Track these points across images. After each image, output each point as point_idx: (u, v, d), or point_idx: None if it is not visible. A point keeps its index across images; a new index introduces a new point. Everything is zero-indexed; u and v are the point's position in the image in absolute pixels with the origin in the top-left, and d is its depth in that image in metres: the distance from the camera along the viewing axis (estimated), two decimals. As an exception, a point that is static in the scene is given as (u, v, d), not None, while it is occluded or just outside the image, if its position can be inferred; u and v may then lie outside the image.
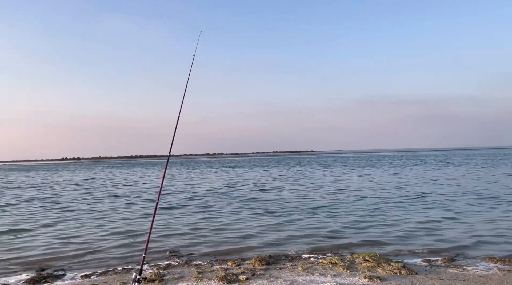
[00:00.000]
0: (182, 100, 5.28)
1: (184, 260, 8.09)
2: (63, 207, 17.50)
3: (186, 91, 5.36)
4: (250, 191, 22.61)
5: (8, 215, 15.48)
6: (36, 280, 6.95)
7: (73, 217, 14.64)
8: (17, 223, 13.60)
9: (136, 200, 19.88)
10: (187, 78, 5.45)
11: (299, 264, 7.40)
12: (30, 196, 23.31)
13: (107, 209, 16.65)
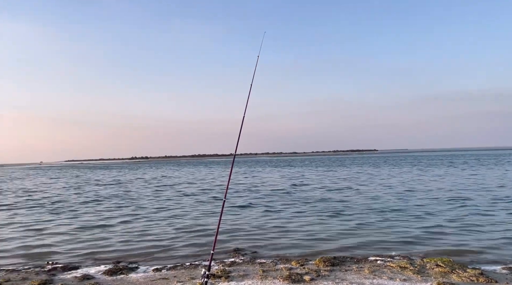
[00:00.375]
0: (247, 101, 5.37)
1: (249, 258, 8.22)
2: (136, 204, 18.62)
3: (250, 92, 5.45)
4: (313, 191, 22.36)
5: (90, 212, 16.81)
6: (113, 271, 7.47)
7: (145, 214, 15.51)
8: (97, 218, 14.72)
9: (203, 198, 20.57)
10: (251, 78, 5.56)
11: (365, 267, 7.18)
12: (107, 193, 25.13)
13: (176, 206, 17.42)
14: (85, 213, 16.17)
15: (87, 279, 7.03)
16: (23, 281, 7.04)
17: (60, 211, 16.98)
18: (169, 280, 6.70)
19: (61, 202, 20.41)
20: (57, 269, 7.88)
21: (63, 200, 21.72)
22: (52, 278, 7.15)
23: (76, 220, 14.25)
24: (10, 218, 15.29)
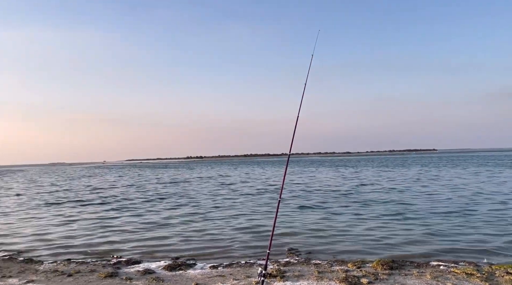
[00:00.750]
0: (301, 100, 5.35)
1: (303, 259, 8.17)
2: (194, 203, 19.23)
3: (305, 91, 5.41)
4: (371, 192, 21.72)
5: (151, 209, 17.63)
6: (172, 267, 7.77)
7: (202, 212, 15.96)
8: (157, 216, 15.40)
9: (258, 197, 20.77)
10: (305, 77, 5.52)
11: (427, 272, 6.85)
12: (166, 192, 26.21)
13: (232, 205, 17.76)
14: (146, 211, 16.96)
15: (149, 273, 7.38)
16: (91, 273, 7.54)
17: (124, 208, 17.96)
18: (225, 278, 6.84)
19: (125, 200, 21.58)
20: (121, 262, 8.36)
21: (127, 198, 22.96)
22: (117, 271, 7.59)
23: (138, 218, 14.99)
24: (78, 214, 16.44)
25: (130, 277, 7.04)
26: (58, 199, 23.28)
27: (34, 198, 24.89)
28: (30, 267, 8.24)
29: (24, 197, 25.92)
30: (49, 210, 18.26)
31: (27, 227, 13.65)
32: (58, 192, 29.26)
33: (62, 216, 16.06)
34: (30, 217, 16.13)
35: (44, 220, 15.13)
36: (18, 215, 16.69)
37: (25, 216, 16.46)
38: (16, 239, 11.48)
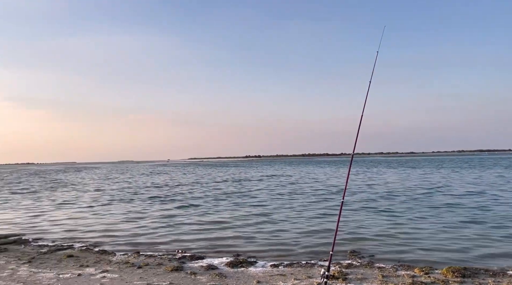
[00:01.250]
0: (365, 98, 5.20)
1: (366, 261, 7.94)
2: (257, 202, 19.51)
3: (369, 89, 5.26)
4: (439, 195, 20.57)
5: (214, 207, 18.17)
6: (234, 263, 7.94)
7: (263, 211, 16.13)
8: (220, 214, 15.84)
9: (319, 197, 20.55)
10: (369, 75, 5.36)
11: (503, 281, 6.34)
12: (228, 190, 26.85)
13: (292, 205, 17.75)
14: (210, 208, 17.50)
15: (212, 269, 7.60)
16: (158, 266, 7.94)
17: (189, 205, 18.68)
18: (286, 277, 6.86)
19: (191, 198, 22.44)
20: (186, 257, 8.71)
21: (192, 196, 23.86)
22: (182, 265, 7.92)
23: (203, 215, 15.52)
24: (147, 210, 17.39)
25: (194, 272, 7.31)
26: (128, 195, 24.80)
27: (108, 193, 26.74)
28: (104, 257, 8.87)
29: (98, 192, 27.95)
30: (120, 205, 19.51)
31: (101, 220, 14.70)
32: (129, 188, 31.14)
33: (133, 211, 17.08)
34: (103, 211, 17.35)
35: (116, 214, 16.20)
36: (93, 210, 18.03)
37: (100, 210, 17.74)
38: (91, 232, 12.41)
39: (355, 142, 5.08)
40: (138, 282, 6.60)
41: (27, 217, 16.01)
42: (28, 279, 6.91)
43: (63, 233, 12.38)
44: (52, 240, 11.30)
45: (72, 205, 19.96)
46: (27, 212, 17.63)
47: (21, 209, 19.10)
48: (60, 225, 13.80)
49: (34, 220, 15.13)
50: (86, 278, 6.99)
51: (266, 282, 6.55)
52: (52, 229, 13.06)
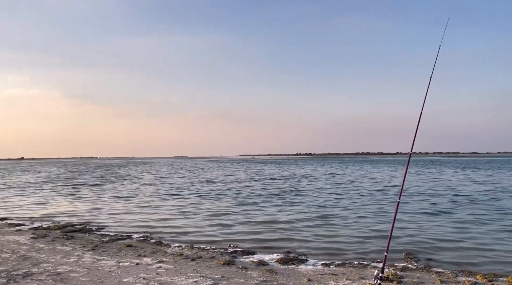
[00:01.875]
0: (425, 95, 4.96)
1: (423, 265, 7.59)
2: (309, 200, 19.40)
3: (429, 85, 5.01)
4: (503, 198, 19.16)
5: (270, 204, 18.30)
6: (284, 260, 7.95)
7: (317, 209, 15.99)
8: (272, 211, 15.92)
9: (374, 197, 19.99)
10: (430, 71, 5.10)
11: None
12: (284, 188, 26.94)
13: (347, 204, 17.43)
14: (263, 205, 17.66)
15: (262, 264, 7.67)
16: (211, 259, 8.15)
17: (243, 201, 18.97)
18: (338, 276, 6.75)
19: (245, 195, 22.77)
20: (237, 252, 8.86)
21: (246, 192, 24.20)
22: (234, 260, 8.06)
23: (256, 211, 15.70)
24: (200, 205, 17.90)
25: (245, 267, 7.41)
26: (184, 190, 25.68)
27: (165, 188, 27.88)
28: (160, 249, 9.26)
29: (156, 186, 29.23)
30: (176, 199, 20.25)
31: (158, 214, 15.37)
32: (185, 183, 32.25)
33: (188, 206, 17.67)
34: (161, 205, 18.13)
35: (173, 208, 16.85)
36: (151, 203, 18.89)
37: (157, 204, 18.55)
38: (149, 224, 13.01)
39: (413, 140, 4.87)
40: (191, 274, 6.82)
41: (91, 208, 17.13)
42: (91, 266, 7.40)
43: (123, 224, 13.10)
44: (112, 230, 12.00)
45: (131, 198, 21.05)
46: (91, 203, 18.87)
47: (85, 200, 20.48)
48: (119, 217, 14.62)
49: (97, 211, 16.15)
50: (143, 267, 7.34)
51: (317, 280, 6.49)
52: (112, 220, 13.86)
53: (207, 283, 6.24)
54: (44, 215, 15.08)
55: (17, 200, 20.99)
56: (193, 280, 6.42)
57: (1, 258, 7.88)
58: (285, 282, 6.41)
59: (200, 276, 6.65)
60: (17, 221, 13.60)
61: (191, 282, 6.28)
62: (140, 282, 6.27)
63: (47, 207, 17.66)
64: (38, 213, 15.66)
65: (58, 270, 6.97)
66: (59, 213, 15.59)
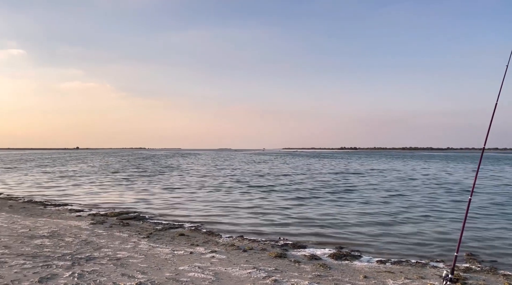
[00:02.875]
0: (501, 85, 4.58)
1: (488, 267, 7.13)
2: (365, 194, 18.97)
3: (505, 75, 4.61)
4: None
5: (316, 200, 18.12)
6: (337, 255, 7.78)
7: (375, 206, 15.60)
8: (327, 205, 15.72)
9: (431, 194, 19.14)
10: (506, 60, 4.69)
11: None
12: (333, 183, 26.57)
13: (401, 200, 16.86)
14: (314, 199, 17.49)
15: (315, 259, 7.55)
16: (262, 251, 8.15)
17: (293, 195, 18.90)
18: (395, 275, 6.49)
19: (297, 189, 22.70)
20: (288, 245, 8.80)
21: (298, 187, 24.11)
22: (285, 253, 8.01)
23: (307, 205, 15.58)
24: (250, 197, 18.03)
25: (297, 260, 7.34)
26: (232, 183, 26.01)
27: (214, 180, 28.40)
28: (211, 239, 9.40)
29: (204, 178, 29.84)
30: (225, 191, 20.55)
31: (208, 204, 15.66)
32: (233, 176, 32.68)
33: (237, 198, 17.87)
34: (210, 196, 18.47)
35: (222, 200, 17.11)
36: (200, 194, 19.31)
37: (206, 195, 18.92)
38: (199, 214, 13.29)
39: (487, 134, 4.52)
40: (244, 265, 6.85)
41: (143, 197, 17.79)
42: (148, 252, 7.64)
43: (174, 213, 13.47)
44: (164, 219, 12.37)
45: (182, 189, 21.63)
46: (143, 193, 19.60)
47: (137, 189, 21.32)
48: (171, 206, 15.05)
49: (149, 201, 16.74)
50: (197, 256, 7.47)
51: (374, 278, 6.28)
52: (163, 210, 14.29)
53: (261, 275, 6.22)
54: (100, 203, 15.86)
55: (74, 188, 22.26)
56: (246, 271, 6.44)
57: (65, 242, 8.34)
58: (340, 277, 6.27)
59: (253, 268, 6.66)
60: (77, 207, 14.40)
61: (245, 273, 6.29)
62: (195, 270, 6.38)
63: (102, 195, 18.57)
64: (94, 201, 16.50)
65: (118, 256, 7.26)
66: (114, 201, 16.33)
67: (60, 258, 6.88)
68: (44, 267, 6.22)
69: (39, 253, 7.23)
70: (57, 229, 9.76)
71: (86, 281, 5.57)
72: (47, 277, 5.70)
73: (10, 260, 6.63)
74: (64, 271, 6.07)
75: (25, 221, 10.96)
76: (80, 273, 5.93)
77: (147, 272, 6.17)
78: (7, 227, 9.89)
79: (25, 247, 7.70)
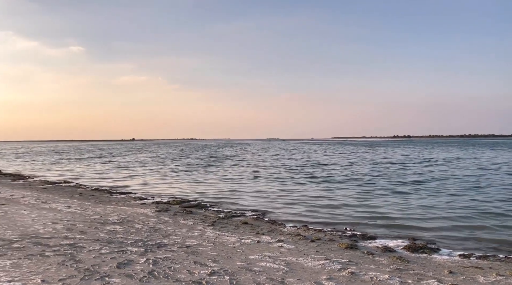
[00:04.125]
0: None
1: None
2: (429, 185, 18.05)
3: None
4: None
5: (381, 190, 17.45)
6: (413, 248, 7.29)
7: (446, 196, 14.76)
8: (389, 197, 15.09)
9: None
10: None
11: None
12: (397, 172, 25.59)
13: (481, 189, 15.84)
14: (379, 188, 16.87)
15: (389, 251, 7.13)
16: (331, 241, 7.85)
17: (360, 186, 18.36)
18: (484, 271, 5.93)
19: (361, 179, 22.09)
20: (356, 236, 8.42)
21: (363, 177, 23.49)
22: (355, 244, 7.65)
23: (370, 194, 15.03)
24: (308, 188, 17.71)
25: (371, 252, 6.96)
26: (295, 173, 25.81)
27: (271, 170, 28.37)
28: (276, 228, 9.24)
29: (260, 168, 29.91)
30: (286, 181, 20.39)
31: (263, 193, 15.57)
32: (293, 167, 32.48)
33: (295, 187, 17.64)
34: (268, 185, 18.41)
35: (284, 189, 16.97)
36: (259, 183, 19.31)
37: (264, 184, 18.88)
38: (260, 202, 13.21)
39: None
40: (316, 256, 6.60)
41: (202, 186, 18.11)
42: (215, 241, 7.62)
43: (233, 202, 13.50)
44: (225, 207, 12.42)
45: (238, 178, 21.78)
46: (202, 182, 19.97)
47: (196, 179, 21.76)
48: (230, 195, 15.12)
49: (208, 189, 16.98)
50: (265, 245, 7.33)
51: (461, 273, 5.77)
52: (223, 198, 14.39)
53: (335, 266, 5.94)
54: (161, 191, 16.33)
55: (135, 177, 23.16)
56: (319, 262, 6.18)
57: (135, 229, 8.56)
58: (422, 272, 5.83)
59: (325, 259, 6.39)
60: (140, 195, 14.88)
61: (318, 265, 6.04)
62: (265, 260, 6.23)
63: (163, 185, 19.13)
64: (155, 189, 17.03)
65: (187, 243, 7.29)
66: (174, 190, 16.74)
67: (133, 244, 7.03)
68: (119, 253, 6.37)
69: (112, 239, 7.45)
70: (126, 216, 10.08)
71: (161, 268, 5.60)
72: (124, 263, 5.80)
73: (87, 245, 6.88)
74: (139, 257, 6.18)
75: (96, 208, 11.46)
76: (154, 260, 5.99)
77: (218, 261, 6.12)
78: (80, 213, 10.38)
79: (99, 233, 7.99)
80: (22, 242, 6.91)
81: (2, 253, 6.14)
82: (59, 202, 12.40)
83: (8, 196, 13.66)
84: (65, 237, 7.49)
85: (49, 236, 7.51)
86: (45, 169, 30.32)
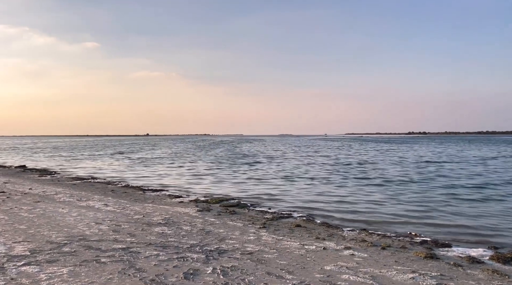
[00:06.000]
0: None
1: None
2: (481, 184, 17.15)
3: None
4: None
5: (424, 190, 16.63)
6: (502, 259, 6.46)
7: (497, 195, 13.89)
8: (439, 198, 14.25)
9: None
10: None
11: None
12: (432, 171, 24.62)
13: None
14: (422, 188, 16.06)
15: (477, 262, 6.33)
16: (403, 249, 7.09)
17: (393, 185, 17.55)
18: None
19: (394, 178, 21.26)
20: (427, 242, 7.66)
21: (393, 176, 22.65)
22: (432, 252, 6.86)
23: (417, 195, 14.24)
24: (350, 185, 16.95)
25: (458, 264, 6.16)
26: (330, 171, 25.04)
27: (300, 168, 27.64)
28: (334, 232, 8.52)
29: (283, 164, 29.20)
30: (317, 179, 19.65)
31: (301, 192, 14.87)
32: (326, 165, 31.69)
33: (332, 187, 16.91)
34: (300, 183, 17.70)
35: (317, 188, 16.25)
36: (296, 182, 18.61)
37: (301, 183, 18.17)
38: (299, 202, 12.51)
39: None
40: (398, 267, 5.86)
41: (233, 183, 17.51)
42: (277, 246, 6.93)
43: (272, 200, 12.84)
44: (267, 206, 11.75)
45: (266, 176, 21.11)
46: (230, 179, 19.39)
47: (225, 176, 21.18)
48: (263, 193, 14.45)
49: (239, 187, 16.39)
50: (333, 253, 6.62)
51: None
52: (259, 196, 13.72)
53: (429, 282, 5.20)
54: (191, 188, 15.86)
55: (160, 173, 22.70)
56: (407, 275, 5.45)
57: (184, 231, 7.94)
58: (532, 290, 5.05)
59: (411, 272, 5.65)
60: (173, 193, 14.32)
61: (408, 279, 5.31)
62: (345, 272, 5.53)
63: (191, 181, 18.60)
64: (187, 186, 16.47)
65: (248, 249, 6.63)
66: (205, 187, 16.23)
67: (190, 250, 6.40)
68: (180, 260, 5.74)
69: (166, 243, 6.84)
70: (169, 216, 9.49)
71: (234, 280, 4.96)
72: (190, 273, 5.18)
73: (142, 250, 6.27)
74: (203, 265, 5.54)
75: (134, 206, 10.91)
76: (222, 270, 5.35)
77: (292, 272, 5.44)
78: (121, 212, 9.83)
79: (149, 235, 7.39)
80: (71, 246, 6.34)
81: (55, 259, 5.58)
82: (95, 200, 11.90)
83: (40, 192, 13.24)
84: (114, 239, 6.91)
85: (98, 238, 6.94)
86: (69, 164, 30.14)
